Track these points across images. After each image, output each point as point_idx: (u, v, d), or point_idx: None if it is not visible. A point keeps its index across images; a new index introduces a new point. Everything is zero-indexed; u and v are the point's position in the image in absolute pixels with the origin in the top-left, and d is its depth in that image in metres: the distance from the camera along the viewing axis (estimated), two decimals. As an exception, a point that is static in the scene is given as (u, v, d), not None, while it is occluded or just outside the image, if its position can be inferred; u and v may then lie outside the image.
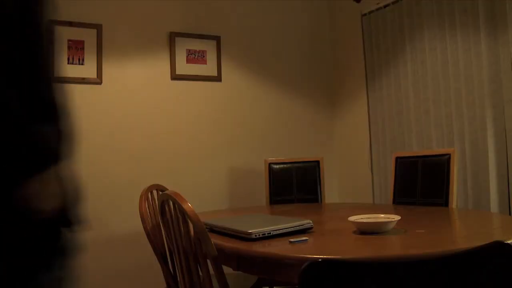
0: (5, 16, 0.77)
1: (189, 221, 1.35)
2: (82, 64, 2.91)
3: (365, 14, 3.42)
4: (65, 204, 0.81)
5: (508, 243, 0.75)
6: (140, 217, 1.96)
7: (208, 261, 1.38)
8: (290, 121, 3.61)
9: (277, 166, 3.00)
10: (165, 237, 1.91)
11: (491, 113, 2.49)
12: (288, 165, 3.00)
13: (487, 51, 2.48)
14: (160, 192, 2.08)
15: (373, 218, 1.45)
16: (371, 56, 3.40)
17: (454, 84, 2.71)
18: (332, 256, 1.10)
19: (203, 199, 3.19)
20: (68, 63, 2.87)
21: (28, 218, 0.75)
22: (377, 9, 3.29)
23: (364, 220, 1.42)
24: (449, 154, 2.23)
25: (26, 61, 0.79)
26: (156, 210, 2.08)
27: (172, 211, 1.41)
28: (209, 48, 3.31)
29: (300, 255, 1.11)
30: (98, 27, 2.95)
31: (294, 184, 2.95)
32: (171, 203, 1.41)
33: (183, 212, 1.32)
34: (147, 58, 3.13)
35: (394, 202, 2.44)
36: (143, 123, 3.07)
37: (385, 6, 3.22)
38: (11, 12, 0.78)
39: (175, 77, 3.19)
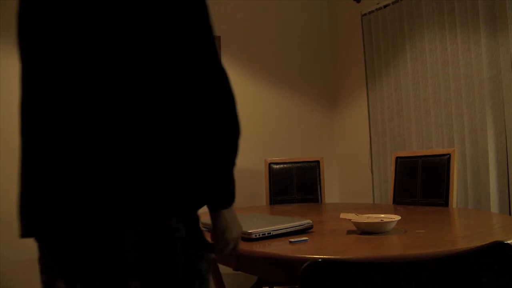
0: None
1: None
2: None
3: (365, 14, 3.42)
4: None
5: (508, 243, 0.75)
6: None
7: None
8: (290, 121, 3.61)
9: (277, 166, 3.00)
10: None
11: (491, 113, 2.49)
12: (288, 165, 3.00)
13: (487, 51, 2.48)
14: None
15: (373, 218, 1.45)
16: (371, 56, 3.40)
17: (454, 84, 2.71)
18: (332, 256, 1.10)
19: (203, 199, 3.18)
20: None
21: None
22: (377, 9, 3.29)
23: (364, 220, 1.42)
24: (449, 154, 2.23)
25: None
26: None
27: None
28: (209, 48, 3.31)
29: (300, 255, 1.11)
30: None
31: (294, 184, 2.95)
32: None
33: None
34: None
35: (394, 202, 2.44)
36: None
37: (385, 6, 3.22)
38: None
39: (175, 77, 3.19)
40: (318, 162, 2.95)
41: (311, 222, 1.47)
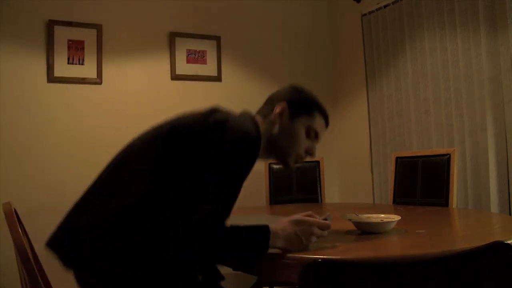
0: None
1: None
2: (82, 64, 2.91)
3: (365, 14, 3.42)
4: None
5: (508, 243, 0.75)
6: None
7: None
8: (290, 121, 3.60)
9: (277, 166, 3.00)
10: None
11: (491, 113, 2.49)
12: (288, 165, 2.99)
13: (487, 51, 2.48)
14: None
15: (373, 218, 1.45)
16: (371, 56, 3.40)
17: (454, 84, 2.71)
18: (332, 256, 1.10)
19: (203, 199, 3.17)
20: (68, 63, 2.87)
21: None
22: (377, 9, 3.29)
23: (364, 220, 1.42)
24: (449, 154, 2.23)
25: None
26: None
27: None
28: (209, 48, 3.31)
29: (300, 255, 1.11)
30: (98, 27, 2.95)
31: (294, 184, 2.95)
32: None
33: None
34: (147, 58, 3.13)
35: (394, 202, 2.44)
36: (143, 123, 3.05)
37: (385, 6, 3.22)
38: None
39: (175, 77, 3.19)
40: (318, 162, 2.94)
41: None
